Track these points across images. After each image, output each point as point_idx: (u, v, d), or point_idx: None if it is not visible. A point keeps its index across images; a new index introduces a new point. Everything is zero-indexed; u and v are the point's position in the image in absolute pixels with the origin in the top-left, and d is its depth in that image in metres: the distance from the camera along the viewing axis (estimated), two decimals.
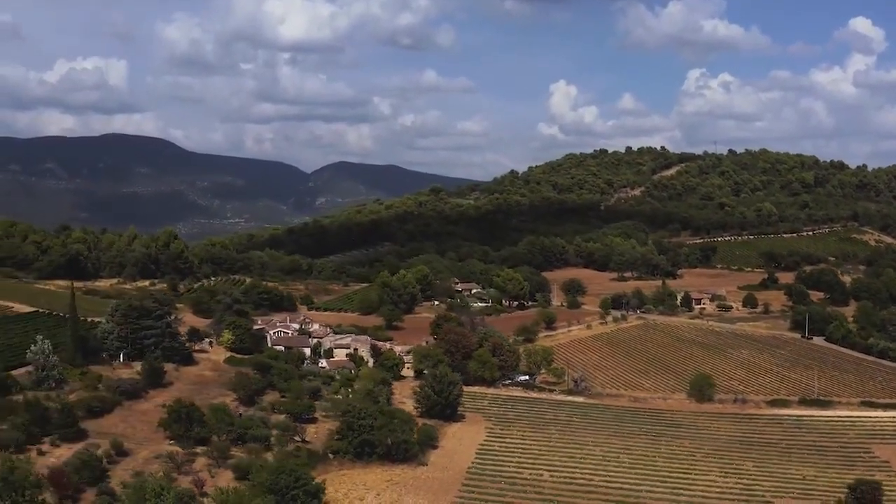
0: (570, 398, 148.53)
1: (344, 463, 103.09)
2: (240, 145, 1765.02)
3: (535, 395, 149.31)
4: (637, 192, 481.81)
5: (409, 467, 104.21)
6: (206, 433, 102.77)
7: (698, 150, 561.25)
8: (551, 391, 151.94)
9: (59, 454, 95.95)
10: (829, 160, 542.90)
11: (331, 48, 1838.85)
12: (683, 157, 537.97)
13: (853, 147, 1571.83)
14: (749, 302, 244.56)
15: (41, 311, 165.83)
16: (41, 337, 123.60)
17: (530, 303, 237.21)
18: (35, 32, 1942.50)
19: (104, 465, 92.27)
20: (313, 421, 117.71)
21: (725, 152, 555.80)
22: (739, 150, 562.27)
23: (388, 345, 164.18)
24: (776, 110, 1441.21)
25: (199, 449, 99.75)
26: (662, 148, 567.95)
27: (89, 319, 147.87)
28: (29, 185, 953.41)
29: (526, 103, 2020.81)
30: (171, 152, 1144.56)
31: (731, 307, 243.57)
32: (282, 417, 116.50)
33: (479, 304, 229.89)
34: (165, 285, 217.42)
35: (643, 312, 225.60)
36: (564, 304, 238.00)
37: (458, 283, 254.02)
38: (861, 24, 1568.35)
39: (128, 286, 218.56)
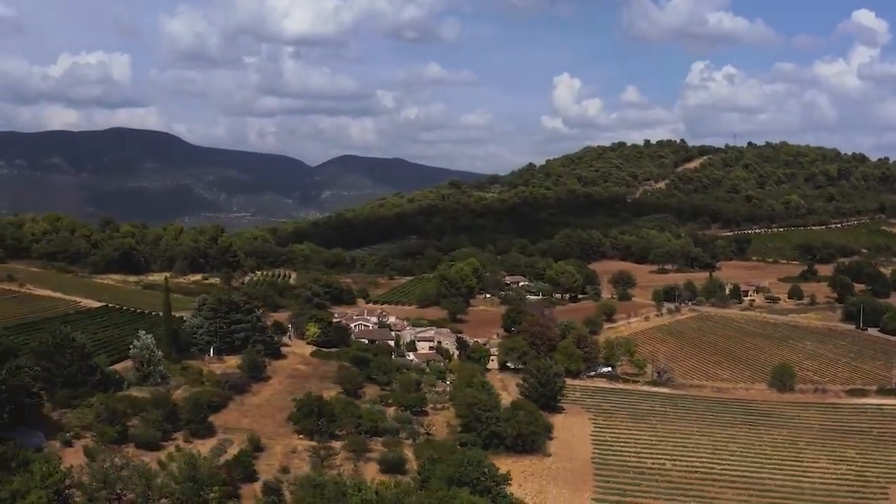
0: (655, 389, 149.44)
1: None
2: (242, 139, 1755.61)
3: (620, 385, 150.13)
4: (662, 184, 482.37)
5: (535, 458, 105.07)
6: (335, 427, 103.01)
7: (702, 143, 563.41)
8: (635, 382, 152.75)
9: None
10: (850, 153, 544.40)
11: (335, 42, 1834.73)
12: (704, 150, 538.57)
13: (857, 140, 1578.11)
14: (795, 294, 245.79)
15: (110, 305, 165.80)
16: (143, 332, 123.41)
17: (580, 295, 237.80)
18: (38, 27, 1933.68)
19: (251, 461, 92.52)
20: (425, 413, 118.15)
21: (745, 145, 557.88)
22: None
23: (467, 337, 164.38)
24: (780, 103, 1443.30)
25: (333, 443, 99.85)
26: (682, 141, 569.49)
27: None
28: (35, 180, 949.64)
29: (529, 96, 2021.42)
30: (176, 146, 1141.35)
31: (779, 299, 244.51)
32: (392, 410, 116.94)
33: (531, 297, 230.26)
34: (219, 279, 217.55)
35: (695, 304, 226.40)
36: (614, 296, 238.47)
37: (505, 276, 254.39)
38: (864, 17, 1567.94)
39: (182, 280, 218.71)
